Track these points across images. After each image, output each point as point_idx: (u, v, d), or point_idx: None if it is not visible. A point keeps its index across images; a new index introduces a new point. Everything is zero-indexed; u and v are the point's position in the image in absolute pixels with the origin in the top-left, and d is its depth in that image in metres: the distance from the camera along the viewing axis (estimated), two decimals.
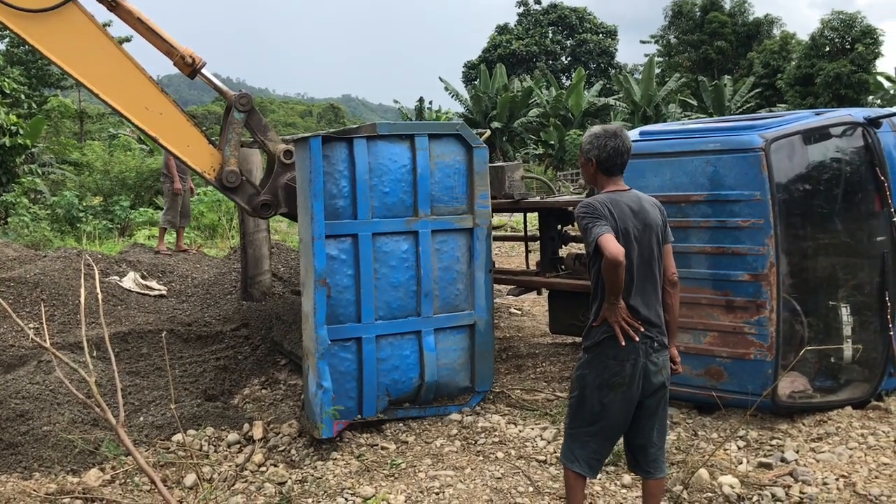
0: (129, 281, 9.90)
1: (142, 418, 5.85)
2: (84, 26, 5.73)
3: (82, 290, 4.34)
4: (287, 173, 6.24)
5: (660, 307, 3.71)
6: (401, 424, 5.63)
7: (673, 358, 3.78)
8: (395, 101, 51.49)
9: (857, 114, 5.62)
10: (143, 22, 6.05)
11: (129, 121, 6.01)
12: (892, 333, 5.46)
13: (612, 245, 3.36)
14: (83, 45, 5.74)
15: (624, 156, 3.72)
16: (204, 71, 6.23)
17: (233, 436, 5.54)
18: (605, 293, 3.54)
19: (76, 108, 29.90)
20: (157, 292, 9.95)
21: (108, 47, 5.82)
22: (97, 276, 4.88)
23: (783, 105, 38.59)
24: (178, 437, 5.42)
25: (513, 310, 9.94)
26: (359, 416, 5.52)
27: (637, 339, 3.54)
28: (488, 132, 7.40)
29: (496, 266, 6.48)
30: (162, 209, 20.62)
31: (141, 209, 20.22)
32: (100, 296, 4.28)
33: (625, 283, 3.51)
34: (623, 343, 3.53)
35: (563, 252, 7.78)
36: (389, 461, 5.03)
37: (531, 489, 4.55)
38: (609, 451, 3.78)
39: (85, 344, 4.27)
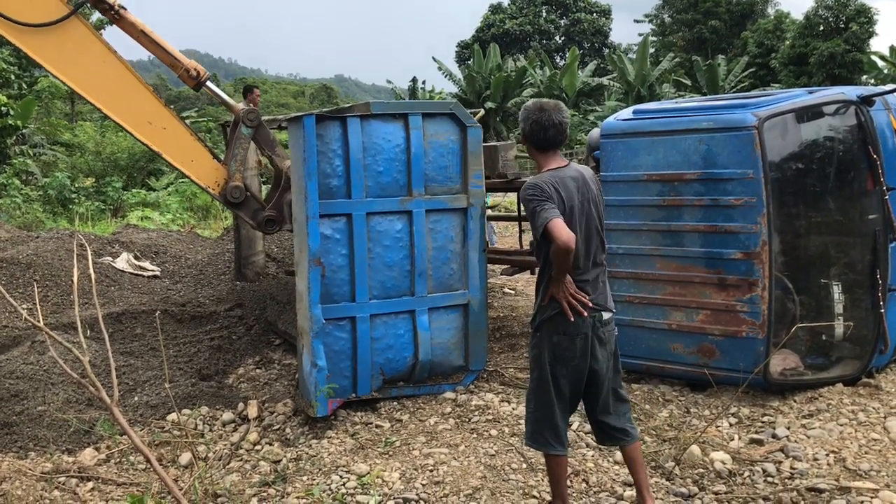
0: (123, 262, 9.90)
1: (136, 398, 5.86)
2: (86, 40, 5.70)
3: (75, 270, 4.34)
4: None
5: (605, 278, 3.78)
6: (395, 403, 5.66)
7: None
8: (389, 82, 51.28)
9: (851, 92, 5.62)
10: (146, 35, 6.04)
11: (132, 135, 5.99)
12: (882, 311, 5.49)
13: (563, 232, 3.39)
14: (85, 60, 5.71)
15: (549, 130, 3.66)
16: (209, 84, 6.25)
17: (227, 415, 5.57)
18: (552, 272, 3.58)
19: (67, 89, 29.70)
20: (150, 273, 9.95)
21: (110, 61, 5.78)
22: (90, 257, 4.87)
23: (777, 85, 38.51)
24: (172, 416, 5.44)
25: (506, 289, 9.96)
26: (353, 395, 5.55)
27: (585, 314, 3.60)
28: (482, 112, 7.39)
29: (489, 246, 6.48)
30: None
31: (133, 190, 20.17)
32: (93, 276, 4.27)
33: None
34: (571, 318, 3.58)
35: None
36: (384, 439, 5.05)
37: (524, 466, 4.58)
38: (567, 423, 3.85)
39: (78, 324, 4.27)
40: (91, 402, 5.61)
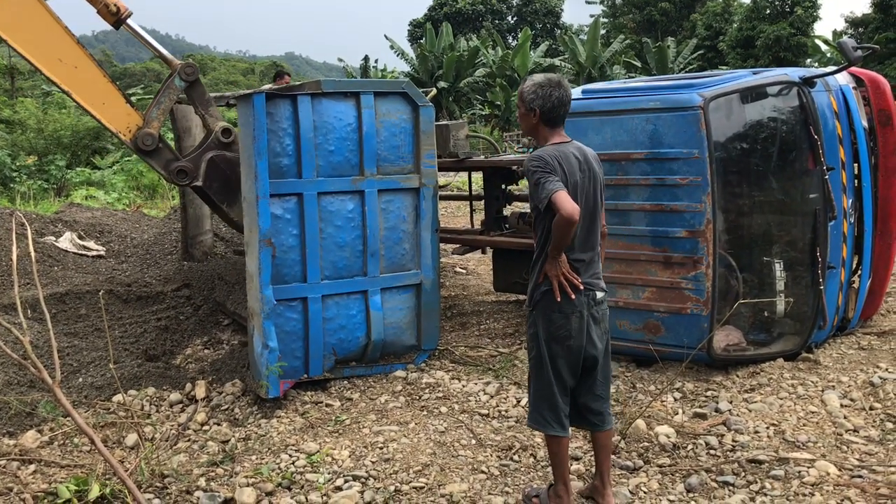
0: (66, 241, 9.67)
1: (81, 379, 5.75)
2: None
3: (14, 249, 4.22)
4: (217, 150, 6.10)
5: (598, 259, 3.75)
6: (346, 382, 5.66)
7: None
8: (340, 60, 50.62)
9: (793, 73, 5.73)
10: None
11: (41, 72, 5.74)
12: (822, 288, 5.65)
13: (567, 203, 3.32)
14: None
15: (567, 106, 3.66)
16: (130, 22, 6.00)
17: (175, 395, 5.50)
18: (549, 249, 3.53)
19: (6, 63, 28.74)
20: (94, 253, 9.75)
21: None
22: (30, 236, 4.74)
23: (725, 67, 39.11)
24: (118, 397, 5.35)
25: (458, 269, 10.01)
26: (305, 376, 5.53)
27: (573, 295, 3.56)
28: (434, 91, 7.41)
29: (441, 225, 6.49)
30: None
31: (78, 169, 19.67)
32: (33, 255, 4.16)
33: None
34: (559, 298, 3.55)
35: (508, 211, 7.85)
36: (334, 418, 5.06)
37: (473, 442, 4.63)
38: (568, 405, 3.75)
39: (18, 304, 4.17)
40: (33, 384, 5.48)
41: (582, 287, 3.59)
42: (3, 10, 5.44)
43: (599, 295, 3.69)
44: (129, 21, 6.00)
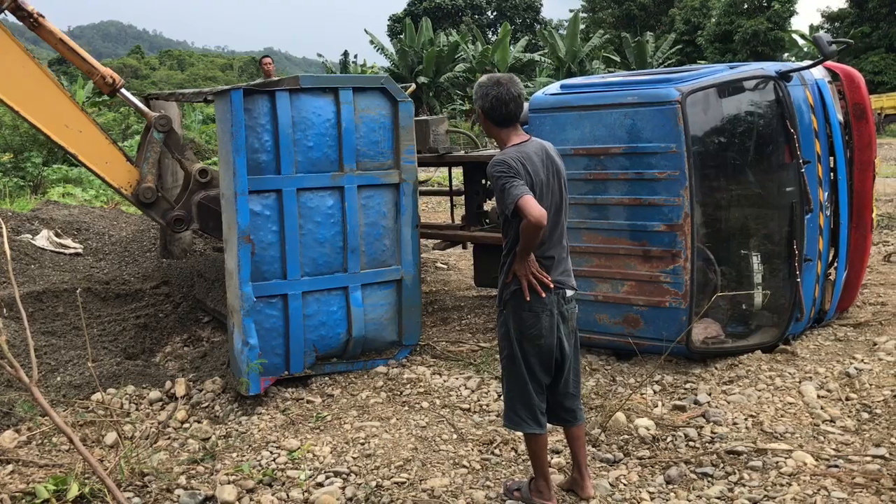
0: (43, 239, 9.56)
1: (59, 378, 5.70)
2: (4, 44, 5.86)
3: None
4: (201, 191, 6.55)
5: (567, 255, 3.75)
6: (327, 378, 5.65)
7: None
8: (319, 55, 50.46)
9: (770, 68, 5.78)
10: (64, 42, 6.26)
11: (48, 137, 6.21)
12: (798, 280, 5.71)
13: (535, 209, 3.31)
14: (4, 64, 5.88)
15: (509, 105, 3.59)
16: (123, 91, 6.57)
17: (155, 393, 5.47)
18: (517, 249, 3.52)
19: None
20: (72, 250, 9.64)
21: (28, 66, 5.99)
22: (6, 234, 4.68)
23: (703, 61, 39.42)
24: (97, 396, 5.31)
25: (439, 264, 10.01)
26: (286, 373, 5.51)
27: (544, 294, 3.56)
28: (413, 86, 7.44)
29: (422, 221, 6.49)
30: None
31: (55, 166, 19.45)
32: (9, 253, 4.11)
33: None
34: (528, 298, 3.54)
35: (488, 206, 7.86)
36: (315, 414, 5.05)
37: (455, 436, 4.64)
38: (544, 402, 3.77)
39: None
40: (10, 384, 5.43)
41: (552, 286, 3.59)
42: (14, 84, 5.95)
43: (569, 293, 3.70)
44: (122, 90, 6.61)
